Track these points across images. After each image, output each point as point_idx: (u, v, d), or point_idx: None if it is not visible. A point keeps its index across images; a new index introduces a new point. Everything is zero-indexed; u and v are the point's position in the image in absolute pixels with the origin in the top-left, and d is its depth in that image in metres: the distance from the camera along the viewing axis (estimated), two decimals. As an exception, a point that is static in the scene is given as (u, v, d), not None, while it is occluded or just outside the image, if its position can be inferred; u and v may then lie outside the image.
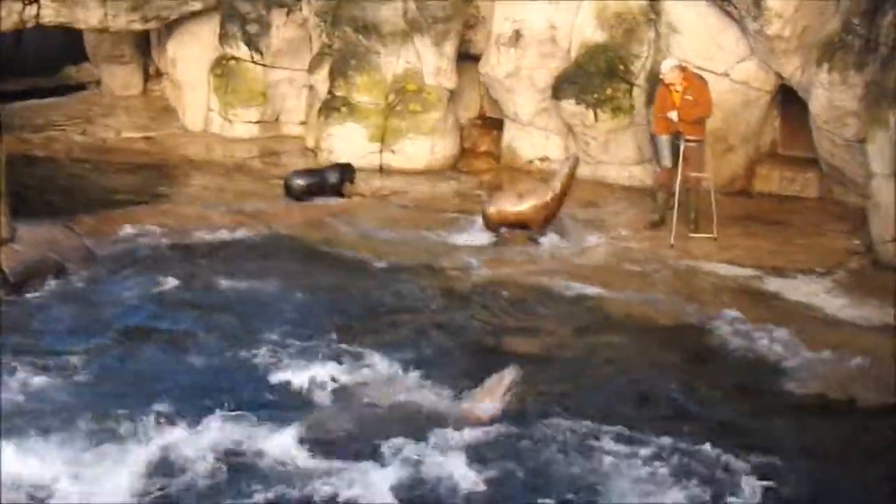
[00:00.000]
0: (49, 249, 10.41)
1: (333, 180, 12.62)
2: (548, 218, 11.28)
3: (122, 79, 16.47)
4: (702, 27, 12.21)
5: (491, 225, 11.39)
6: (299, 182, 12.59)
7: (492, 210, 11.40)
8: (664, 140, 11.21)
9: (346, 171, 12.72)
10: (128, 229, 11.26)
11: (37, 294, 9.69)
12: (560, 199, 11.28)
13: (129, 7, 14.53)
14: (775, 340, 8.92)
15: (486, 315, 9.56)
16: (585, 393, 8.09)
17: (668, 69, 11.21)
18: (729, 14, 12.00)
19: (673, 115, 11.10)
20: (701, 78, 11.45)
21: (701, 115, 11.20)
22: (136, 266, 10.46)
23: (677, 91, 11.13)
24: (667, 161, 11.26)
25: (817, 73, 11.26)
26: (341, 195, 12.54)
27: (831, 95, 11.17)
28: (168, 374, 8.26)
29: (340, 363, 8.32)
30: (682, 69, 11.24)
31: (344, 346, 8.64)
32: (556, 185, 11.26)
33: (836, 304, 9.66)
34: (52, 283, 9.88)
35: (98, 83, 16.78)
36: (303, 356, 8.42)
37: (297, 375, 8.08)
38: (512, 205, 11.37)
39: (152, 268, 10.38)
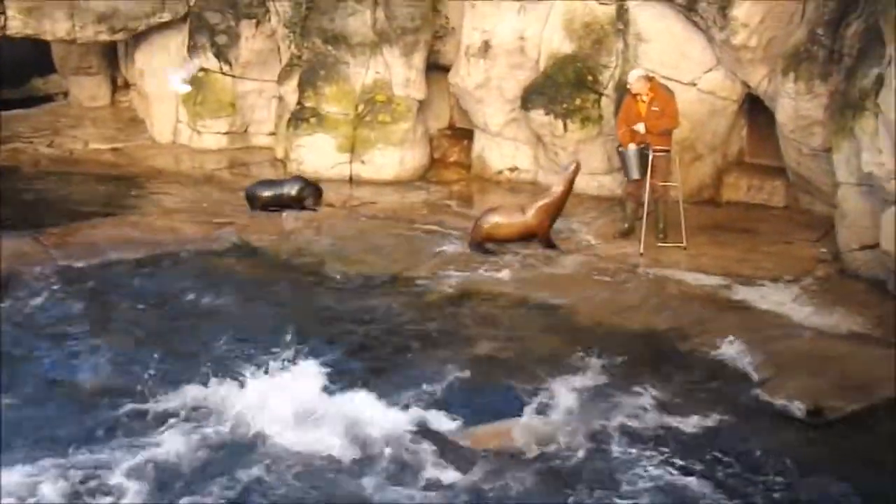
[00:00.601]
0: (16, 262, 10.33)
1: (293, 193, 12.53)
2: (552, 224, 11.32)
3: (89, 90, 16.39)
4: (669, 37, 12.28)
5: (483, 239, 11.30)
6: (261, 193, 12.54)
7: (488, 225, 11.32)
8: (631, 151, 11.24)
9: (309, 186, 12.61)
10: (95, 241, 11.16)
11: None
12: (561, 204, 11.32)
13: (96, 18, 14.48)
14: (743, 349, 8.96)
15: (452, 325, 9.54)
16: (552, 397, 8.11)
17: (635, 79, 11.26)
18: (696, 24, 12.09)
19: (640, 126, 11.14)
20: (667, 89, 11.52)
21: (668, 127, 11.26)
22: (99, 277, 10.38)
23: (643, 101, 11.19)
24: (634, 173, 11.29)
25: (783, 82, 11.36)
26: (303, 208, 12.45)
27: (797, 105, 11.26)
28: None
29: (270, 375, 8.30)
30: (649, 79, 11.30)
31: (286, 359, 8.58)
32: (558, 189, 11.31)
33: (803, 313, 9.72)
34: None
35: (66, 94, 16.70)
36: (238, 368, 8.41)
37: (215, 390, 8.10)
38: (513, 217, 11.36)
39: (116, 280, 10.29)
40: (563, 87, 12.75)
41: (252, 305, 9.94)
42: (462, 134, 14.40)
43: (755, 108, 12.45)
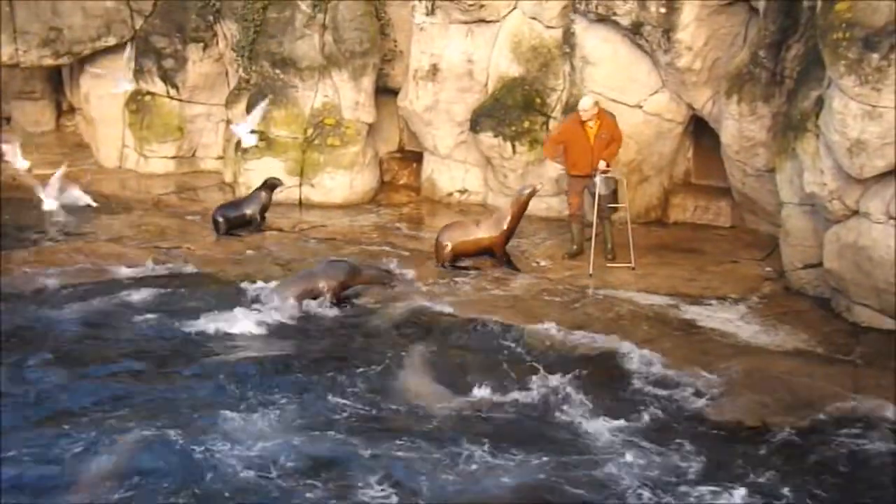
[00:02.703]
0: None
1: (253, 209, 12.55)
2: (507, 242, 11.41)
3: (33, 115, 16.21)
4: (615, 60, 12.41)
5: (445, 258, 11.36)
6: (227, 214, 12.49)
7: (447, 242, 11.38)
8: (598, 179, 11.22)
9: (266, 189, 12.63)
10: (39, 268, 11.00)
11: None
12: (515, 223, 11.40)
13: (40, 42, 14.35)
14: (691, 367, 9.02)
15: (398, 349, 9.47)
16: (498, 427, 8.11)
17: (589, 105, 11.26)
18: (641, 47, 12.23)
19: (602, 164, 11.14)
20: (611, 114, 11.64)
21: (616, 151, 11.39)
22: (42, 304, 10.24)
23: (590, 128, 11.26)
24: (579, 195, 11.40)
25: (727, 104, 11.52)
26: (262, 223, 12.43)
27: (741, 126, 11.42)
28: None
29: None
30: (597, 106, 11.37)
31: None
32: (510, 210, 11.39)
33: (750, 330, 9.82)
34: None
35: (8, 120, 16.45)
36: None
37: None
38: (469, 234, 11.41)
39: (58, 306, 10.15)
40: (511, 109, 12.83)
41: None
42: (412, 157, 14.43)
43: (700, 130, 12.62)
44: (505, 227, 11.37)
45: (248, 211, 12.57)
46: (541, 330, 9.79)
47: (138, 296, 10.48)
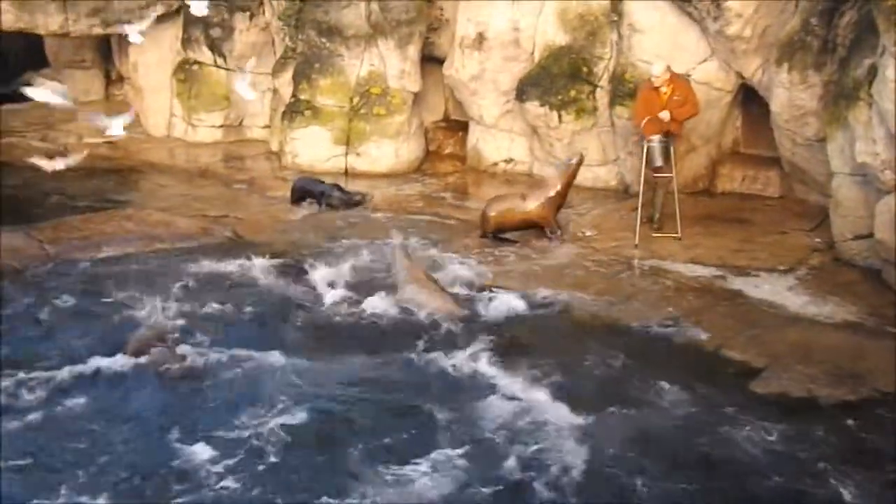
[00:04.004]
0: (9, 257, 10.31)
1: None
2: (556, 214, 11.31)
3: (83, 84, 16.39)
4: (663, 28, 12.28)
5: (489, 229, 11.33)
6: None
7: (492, 213, 11.34)
8: (655, 141, 11.16)
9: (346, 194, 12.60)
10: (89, 235, 11.14)
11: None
12: (563, 194, 11.31)
13: (89, 12, 14.46)
14: (737, 338, 8.97)
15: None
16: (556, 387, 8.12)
17: (661, 71, 11.13)
18: (690, 15, 12.08)
19: (665, 114, 11.07)
20: (684, 77, 11.49)
21: (691, 114, 11.33)
22: (88, 274, 10.36)
23: (664, 93, 11.14)
24: (658, 161, 11.24)
25: (777, 72, 11.35)
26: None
27: (791, 95, 11.27)
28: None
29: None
30: (669, 71, 11.24)
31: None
32: (558, 181, 11.29)
33: (798, 302, 9.72)
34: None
35: (59, 89, 16.64)
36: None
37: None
38: (516, 206, 11.33)
39: (106, 276, 10.28)
40: (557, 78, 12.75)
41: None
42: (457, 126, 14.41)
43: (749, 99, 12.45)
44: (551, 198, 11.28)
45: (317, 190, 12.47)
46: (587, 301, 9.77)
47: (180, 266, 10.52)
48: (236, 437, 7.39)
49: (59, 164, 11.28)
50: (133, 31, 12.45)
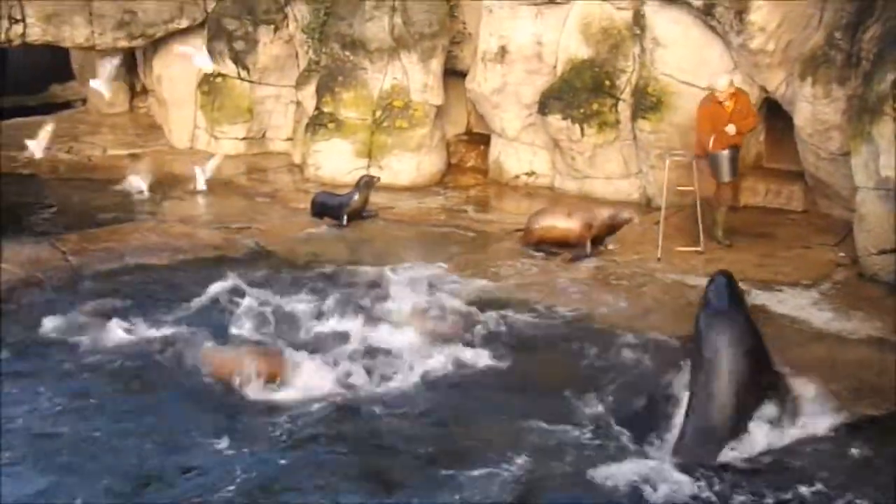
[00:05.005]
0: (33, 267, 10.40)
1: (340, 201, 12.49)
2: (594, 242, 11.23)
3: (108, 96, 16.47)
4: (686, 42, 12.26)
5: (528, 241, 11.37)
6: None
7: (533, 226, 11.37)
8: (724, 155, 11.04)
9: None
10: (113, 247, 11.21)
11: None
12: (604, 229, 11.24)
13: (115, 25, 14.60)
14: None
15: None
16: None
17: (725, 85, 11.01)
18: (713, 28, 12.06)
19: (731, 128, 10.97)
20: (744, 90, 11.43)
21: (754, 127, 11.33)
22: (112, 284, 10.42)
23: (728, 107, 11.00)
24: (727, 175, 11.13)
25: (801, 86, 11.32)
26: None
27: (815, 109, 11.23)
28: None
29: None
30: (732, 85, 11.14)
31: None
32: (606, 214, 11.28)
33: (822, 318, 9.67)
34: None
35: (84, 101, 16.81)
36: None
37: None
38: (557, 222, 11.33)
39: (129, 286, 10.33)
40: (580, 91, 12.75)
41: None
42: (479, 139, 14.42)
43: (773, 113, 12.41)
44: (593, 224, 11.20)
45: (335, 203, 12.48)
46: (608, 312, 9.74)
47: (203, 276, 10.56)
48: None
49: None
50: (201, 57, 12.96)
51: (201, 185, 13.26)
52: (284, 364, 8.42)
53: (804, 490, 7.02)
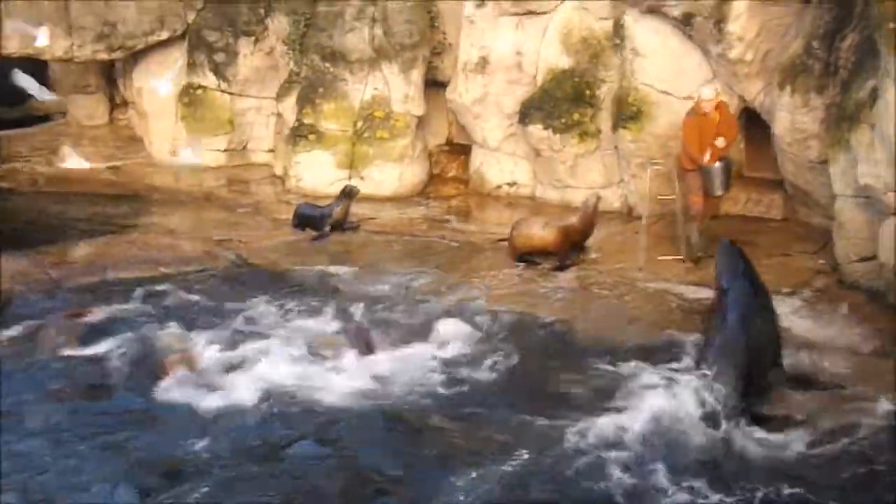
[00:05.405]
0: (14, 281, 10.34)
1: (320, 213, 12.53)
2: (573, 247, 11.28)
3: (87, 109, 16.46)
4: (665, 52, 12.31)
5: (511, 252, 11.39)
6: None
7: (512, 236, 11.39)
8: (717, 168, 10.97)
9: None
10: (93, 260, 11.16)
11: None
12: (580, 231, 11.28)
13: (94, 37, 14.54)
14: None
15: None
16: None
17: (711, 95, 10.98)
18: (691, 38, 12.12)
19: (721, 141, 10.92)
20: (723, 101, 11.43)
21: (735, 137, 11.31)
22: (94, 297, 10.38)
23: (713, 118, 10.95)
24: (720, 189, 11.09)
25: (780, 95, 11.39)
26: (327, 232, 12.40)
27: (794, 118, 11.29)
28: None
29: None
30: (718, 94, 11.15)
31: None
32: (575, 217, 11.33)
33: (802, 325, 9.72)
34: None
35: (64, 113, 16.72)
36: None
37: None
38: (533, 232, 11.36)
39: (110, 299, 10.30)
40: (560, 101, 12.79)
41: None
42: (460, 149, 14.44)
43: (752, 122, 12.47)
44: (564, 228, 11.24)
45: (317, 214, 12.51)
46: (589, 322, 9.76)
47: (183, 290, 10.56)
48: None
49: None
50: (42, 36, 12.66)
51: None
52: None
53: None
